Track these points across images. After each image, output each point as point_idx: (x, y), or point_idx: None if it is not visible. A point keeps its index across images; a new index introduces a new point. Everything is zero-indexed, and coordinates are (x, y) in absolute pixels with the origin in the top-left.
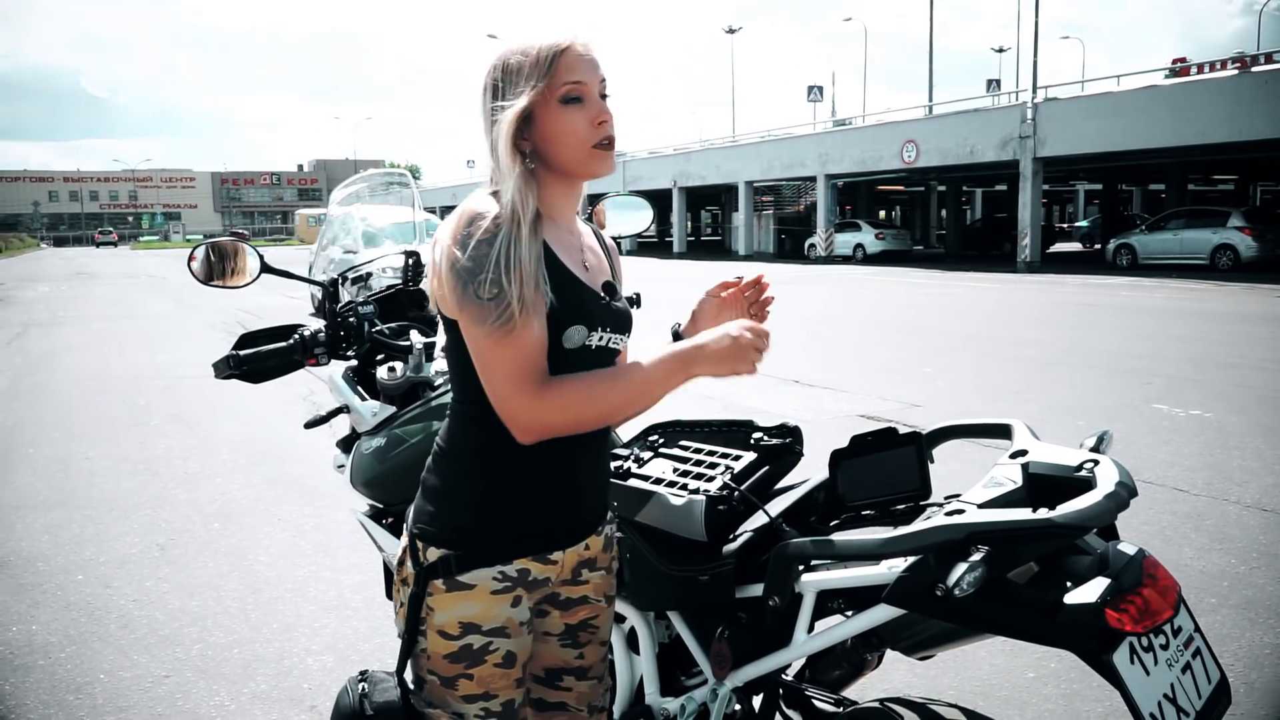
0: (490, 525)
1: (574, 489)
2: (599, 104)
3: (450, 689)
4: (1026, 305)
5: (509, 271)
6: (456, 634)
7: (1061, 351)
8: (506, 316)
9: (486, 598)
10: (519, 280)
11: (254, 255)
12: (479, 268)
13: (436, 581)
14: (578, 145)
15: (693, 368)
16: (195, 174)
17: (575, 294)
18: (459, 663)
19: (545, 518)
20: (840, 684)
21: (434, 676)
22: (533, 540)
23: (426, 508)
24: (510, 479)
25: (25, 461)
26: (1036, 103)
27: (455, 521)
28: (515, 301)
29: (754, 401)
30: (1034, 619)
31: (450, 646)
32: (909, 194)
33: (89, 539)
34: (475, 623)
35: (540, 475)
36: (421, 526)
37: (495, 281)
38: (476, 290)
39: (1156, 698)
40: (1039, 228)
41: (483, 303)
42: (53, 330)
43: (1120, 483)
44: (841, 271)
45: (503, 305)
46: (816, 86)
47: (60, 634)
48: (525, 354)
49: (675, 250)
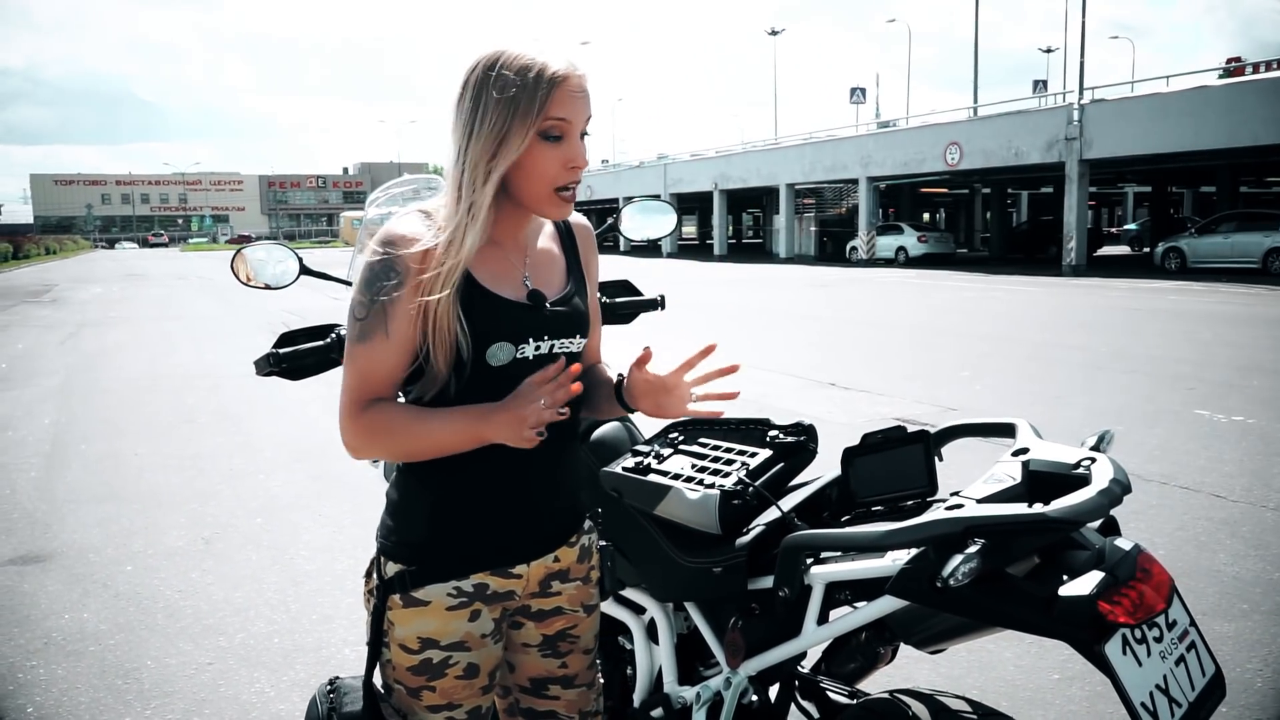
0: (443, 541)
1: (529, 503)
2: (577, 146)
3: (415, 699)
4: (1070, 309)
5: (382, 305)
6: (416, 648)
7: (1105, 356)
8: (361, 335)
9: (442, 614)
10: (386, 314)
11: (294, 257)
12: (365, 286)
13: (394, 596)
14: (543, 184)
15: (483, 433)
16: (243, 177)
17: (495, 313)
18: (420, 675)
19: (500, 533)
20: (855, 677)
21: (400, 686)
22: (488, 555)
23: (386, 522)
24: (462, 495)
25: (77, 457)
26: (1083, 104)
27: (410, 537)
28: (375, 327)
29: (790, 404)
30: (1030, 610)
31: (411, 660)
32: (953, 196)
33: (137, 532)
34: (433, 638)
35: (492, 490)
36: (381, 540)
37: (365, 304)
38: (356, 306)
39: (1148, 688)
40: (1085, 231)
41: (352, 317)
42: (104, 330)
43: (1114, 479)
44: (883, 275)
45: (365, 325)
46: (859, 88)
47: (110, 622)
48: (364, 375)
49: (716, 253)
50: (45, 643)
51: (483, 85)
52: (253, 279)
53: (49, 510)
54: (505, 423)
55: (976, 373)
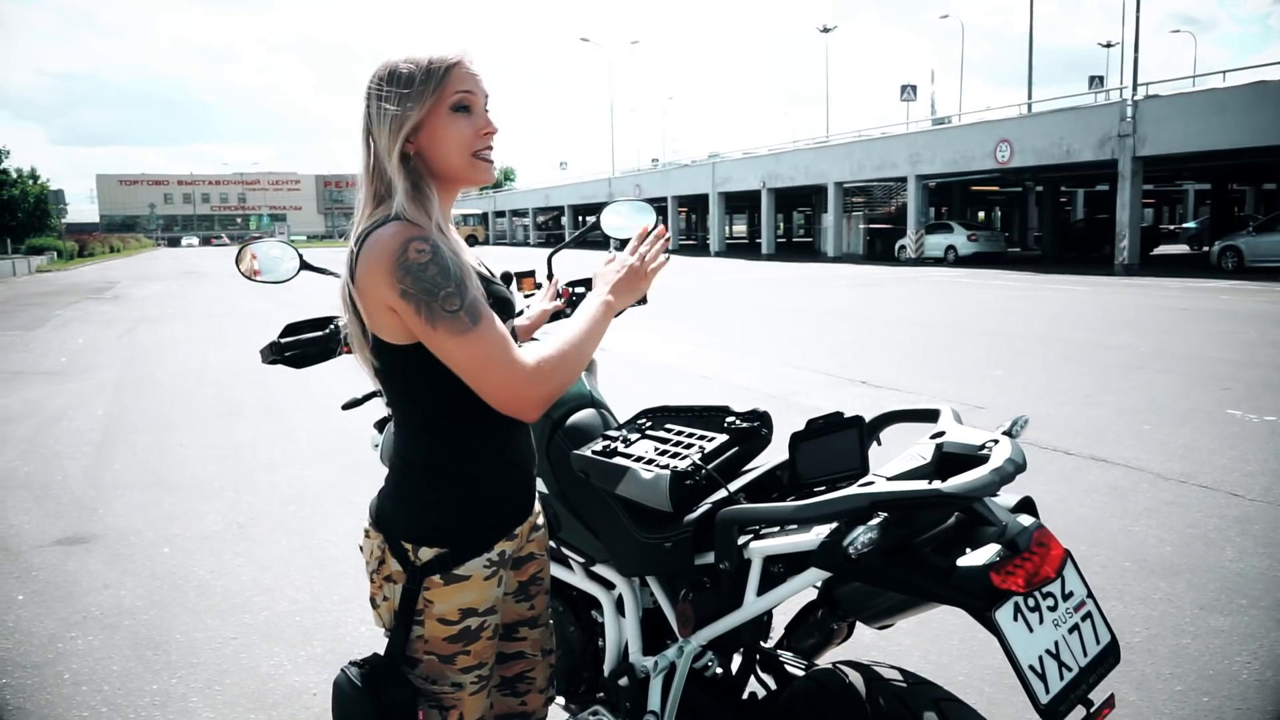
0: (474, 521)
1: (522, 469)
2: (484, 115)
3: (449, 664)
4: (1117, 309)
5: (459, 277)
6: (457, 619)
7: (1144, 355)
8: (476, 316)
9: (480, 584)
10: (469, 280)
11: (294, 254)
12: (435, 286)
13: (434, 577)
14: (461, 152)
15: (614, 301)
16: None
17: (497, 294)
18: (458, 642)
19: (508, 500)
20: (814, 651)
21: (431, 656)
22: (505, 524)
23: (409, 512)
24: (480, 477)
25: (126, 446)
26: (1136, 100)
27: (442, 523)
28: (476, 301)
29: (817, 401)
30: (931, 579)
31: (450, 630)
32: (1006, 195)
33: (177, 516)
34: (473, 607)
35: (498, 466)
36: (407, 529)
37: (452, 294)
38: (444, 307)
39: (1038, 652)
40: (1138, 229)
41: (454, 315)
42: (161, 326)
43: (1009, 459)
44: (931, 274)
45: (470, 309)
46: (910, 86)
47: (145, 599)
48: (505, 340)
49: (764, 252)
50: (84, 616)
51: (376, 95)
52: (256, 274)
53: (96, 495)
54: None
55: (1010, 372)
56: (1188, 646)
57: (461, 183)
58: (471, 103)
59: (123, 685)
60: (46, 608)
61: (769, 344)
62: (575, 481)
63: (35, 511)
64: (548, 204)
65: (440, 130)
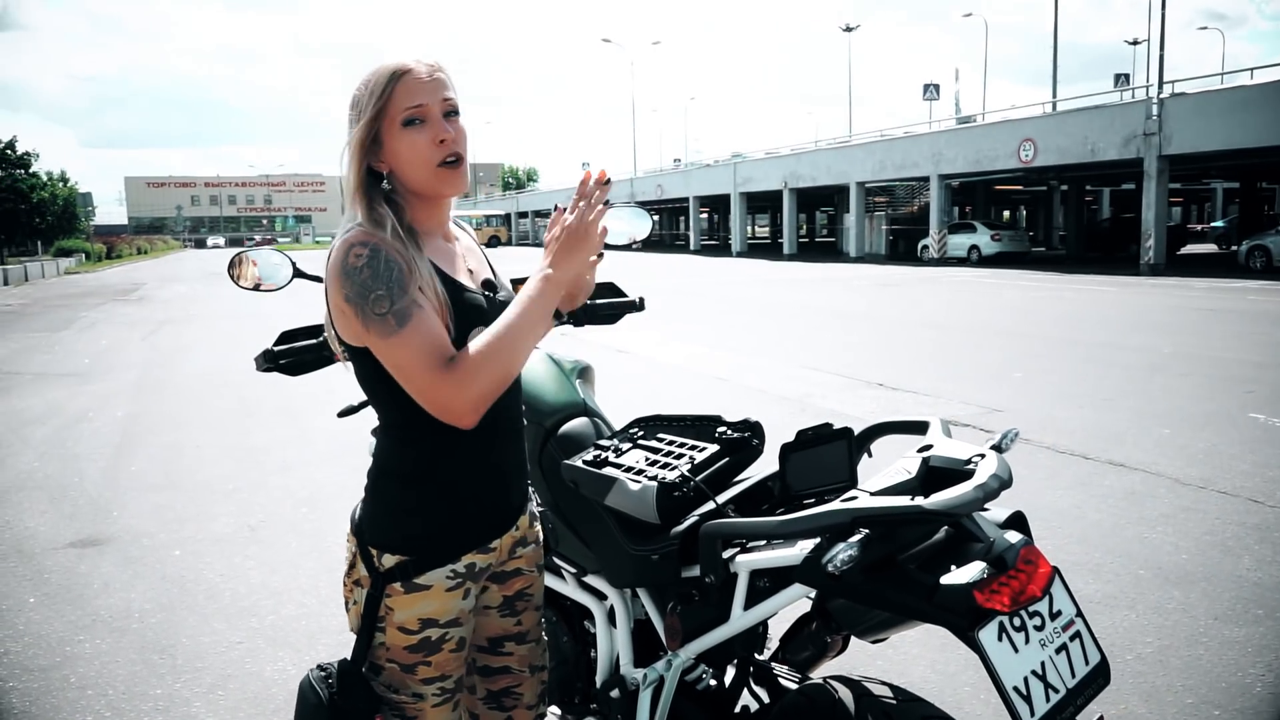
0: (439, 530)
1: (503, 481)
2: (440, 124)
3: (410, 674)
4: (1140, 309)
5: (395, 281)
6: (416, 629)
7: (1166, 357)
8: (404, 319)
9: (442, 595)
10: (408, 285)
11: (287, 262)
12: (366, 289)
13: (395, 585)
14: (422, 165)
15: (555, 278)
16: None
17: (468, 300)
18: (418, 652)
19: (483, 513)
20: (808, 665)
21: (393, 664)
22: (476, 536)
23: (378, 518)
24: (450, 486)
25: (143, 447)
26: (1162, 98)
27: (407, 530)
28: (407, 305)
29: (832, 404)
30: (914, 597)
31: (410, 640)
32: (1031, 194)
33: (190, 519)
34: (433, 618)
35: (475, 476)
36: (375, 535)
37: (381, 297)
38: (373, 310)
39: (1023, 673)
40: (1164, 228)
41: (381, 318)
42: (184, 327)
43: (994, 475)
44: (953, 274)
45: (399, 312)
46: (933, 84)
47: (154, 602)
48: (430, 344)
49: (785, 252)
50: (93, 620)
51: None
52: (254, 282)
53: (111, 497)
54: (565, 254)
55: (1029, 374)
56: (1201, 657)
57: (433, 195)
58: (424, 114)
59: (127, 689)
60: (56, 610)
61: (785, 345)
62: (566, 491)
63: (51, 513)
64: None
65: (396, 147)
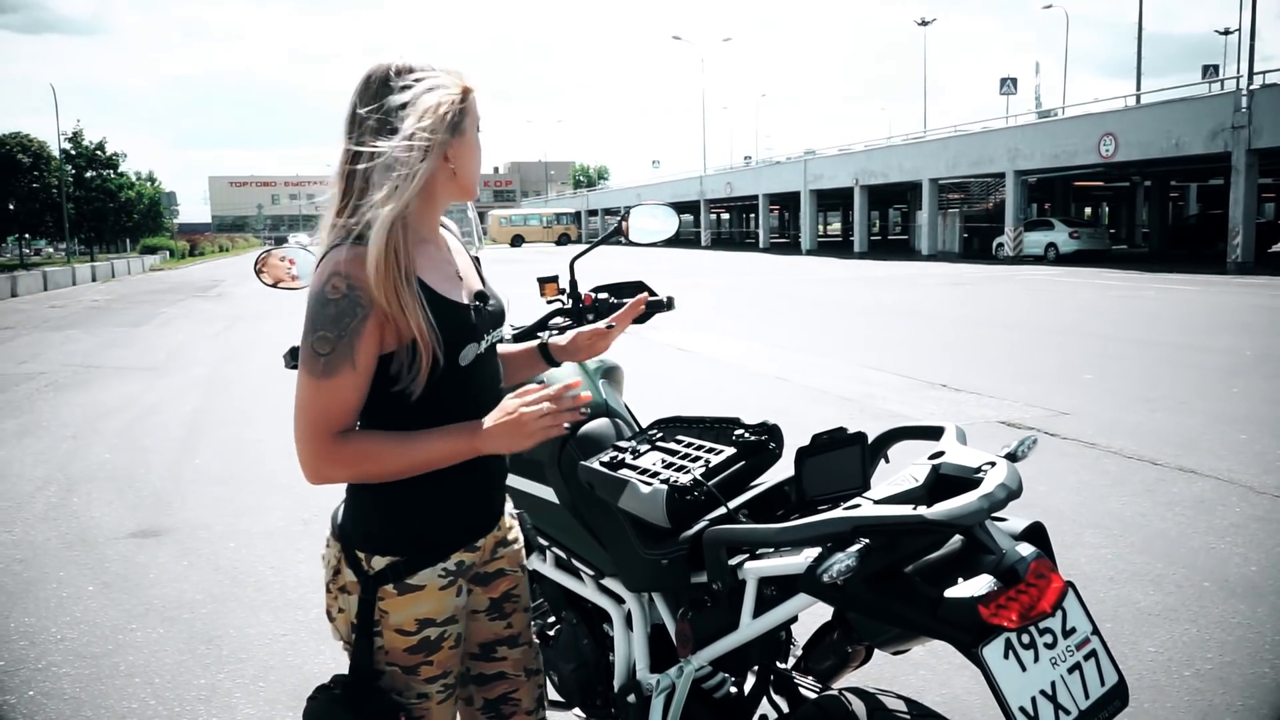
0: (429, 530)
1: (489, 480)
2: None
3: (413, 675)
4: (1224, 310)
5: (344, 331)
6: (414, 630)
7: (1249, 360)
8: (331, 371)
9: (436, 594)
10: (351, 339)
11: (313, 260)
12: (316, 325)
13: (387, 587)
14: (478, 169)
15: (480, 446)
16: None
17: (460, 318)
18: (419, 653)
19: (470, 512)
20: (831, 674)
21: (394, 667)
22: (464, 534)
23: (364, 521)
24: (438, 487)
25: (208, 442)
26: (1252, 89)
27: (397, 531)
28: (341, 360)
29: (893, 405)
30: (917, 611)
31: (409, 641)
32: (1113, 190)
33: (246, 512)
34: (430, 617)
35: (463, 475)
36: (363, 538)
37: (326, 339)
38: (316, 345)
39: (1030, 693)
40: (1253, 225)
41: (314, 357)
42: (257, 324)
43: (1001, 484)
44: (1029, 272)
45: (331, 362)
46: (1009, 79)
47: (205, 593)
48: (333, 408)
49: (856, 250)
50: (146, 609)
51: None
52: (282, 281)
53: (173, 490)
54: (503, 434)
55: (1101, 376)
56: (1265, 676)
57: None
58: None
59: (173, 679)
60: (113, 599)
61: (850, 345)
62: (584, 492)
63: (117, 504)
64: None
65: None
